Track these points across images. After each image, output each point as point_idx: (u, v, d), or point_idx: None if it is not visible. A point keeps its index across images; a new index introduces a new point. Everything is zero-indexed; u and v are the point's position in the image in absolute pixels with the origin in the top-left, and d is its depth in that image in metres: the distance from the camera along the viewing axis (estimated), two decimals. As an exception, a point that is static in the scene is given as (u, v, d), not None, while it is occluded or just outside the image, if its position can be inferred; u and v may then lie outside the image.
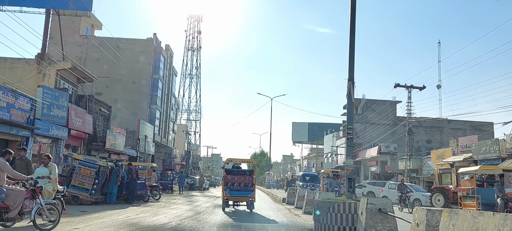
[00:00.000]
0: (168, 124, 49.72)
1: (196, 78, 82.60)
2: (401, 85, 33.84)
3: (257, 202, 17.85)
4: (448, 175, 35.66)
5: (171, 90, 50.00)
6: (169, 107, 49.69)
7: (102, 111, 29.97)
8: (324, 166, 73.76)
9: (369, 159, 53.66)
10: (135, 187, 18.54)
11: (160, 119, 46.31)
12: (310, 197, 15.05)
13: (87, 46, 43.90)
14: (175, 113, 54.23)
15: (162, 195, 28.68)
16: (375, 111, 58.78)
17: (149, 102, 43.49)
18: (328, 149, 71.33)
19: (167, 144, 49.92)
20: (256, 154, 73.85)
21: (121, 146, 30.30)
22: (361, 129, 59.40)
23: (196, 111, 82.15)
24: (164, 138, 48.55)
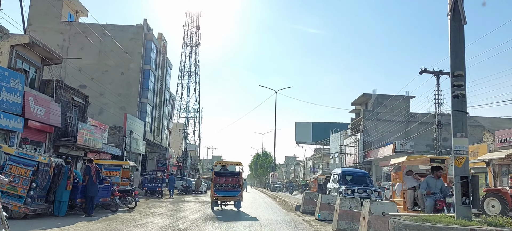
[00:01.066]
0: (162, 121, 44.26)
1: (195, 76, 77.26)
2: (428, 71, 28.38)
3: (264, 212, 16.35)
4: (482, 175, 30.18)
5: (165, 85, 44.59)
6: (163, 103, 44.25)
7: (75, 101, 24.50)
8: (331, 167, 68.19)
9: (382, 159, 48.10)
10: (95, 193, 13.04)
11: (153, 115, 40.85)
12: (377, 210, 7.96)
13: (70, 34, 38.53)
14: (170, 110, 48.76)
15: (148, 200, 23.27)
16: (387, 107, 53.32)
17: (139, 96, 38.06)
18: (335, 149, 65.81)
19: (161, 143, 44.43)
20: (258, 155, 68.44)
21: (99, 142, 24.83)
22: (372, 126, 53.87)
23: (195, 110, 76.78)
24: (157, 137, 43.06)
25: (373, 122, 53.77)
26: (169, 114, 47.98)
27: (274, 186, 47.23)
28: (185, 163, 59.58)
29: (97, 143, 24.72)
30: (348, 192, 16.82)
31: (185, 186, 36.81)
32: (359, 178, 19.66)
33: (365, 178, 20.15)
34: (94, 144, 24.29)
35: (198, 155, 76.26)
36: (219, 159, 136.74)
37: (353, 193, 16.80)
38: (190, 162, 64.03)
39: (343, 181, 18.94)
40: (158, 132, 43.36)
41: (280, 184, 50.43)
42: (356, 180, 19.34)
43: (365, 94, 55.21)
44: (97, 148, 24.86)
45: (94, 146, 24.38)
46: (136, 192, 16.34)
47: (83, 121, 25.13)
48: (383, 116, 53.09)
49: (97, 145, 24.76)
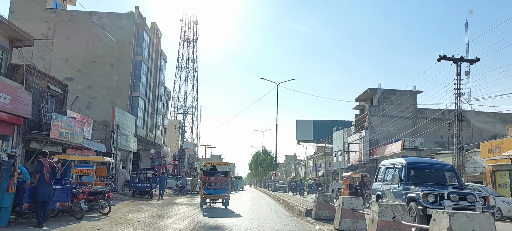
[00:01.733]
0: (156, 117, 41.03)
1: (193, 72, 73.99)
2: (447, 57, 25.19)
3: (267, 217, 13.92)
4: (506, 173, 27.01)
5: (159, 78, 41.35)
6: (157, 97, 41.02)
7: (51, 90, 21.27)
8: (334, 166, 65.00)
9: (389, 157, 44.95)
10: (47, 196, 9.82)
11: (145, 110, 37.62)
12: (464, 226, 4.57)
13: (55, 22, 35.28)
14: (165, 106, 45.52)
15: (134, 202, 20.07)
16: (394, 103, 50.15)
17: (130, 89, 34.81)
18: (338, 147, 62.66)
19: (156, 140, 41.19)
20: (258, 153, 65.21)
21: (78, 137, 21.60)
22: (378, 123, 50.72)
23: (193, 108, 73.51)
24: (151, 133, 39.82)
25: (379, 118, 50.61)
26: (164, 110, 44.74)
27: (276, 186, 43.79)
28: (182, 162, 56.34)
29: (77, 138, 21.49)
30: (429, 199, 9.97)
31: (179, 185, 33.65)
32: (438, 174, 12.13)
33: (448, 173, 12.38)
34: (72, 139, 21.07)
35: (196, 153, 73.05)
36: (219, 158, 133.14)
37: (438, 200, 9.96)
38: (188, 160, 60.79)
39: (412, 179, 11.51)
40: (151, 129, 40.12)
41: (283, 184, 47.10)
42: (432, 178, 11.79)
43: (371, 89, 52.04)
44: (76, 143, 21.65)
45: (72, 141, 21.16)
46: (110, 194, 13.10)
47: (61, 112, 21.94)
48: (389, 111, 49.94)
49: (77, 140, 21.53)
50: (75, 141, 21.39)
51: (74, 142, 21.36)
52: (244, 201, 25.22)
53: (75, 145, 21.80)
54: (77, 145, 21.87)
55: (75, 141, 21.44)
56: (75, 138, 21.39)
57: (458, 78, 25.56)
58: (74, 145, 21.66)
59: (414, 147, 40.97)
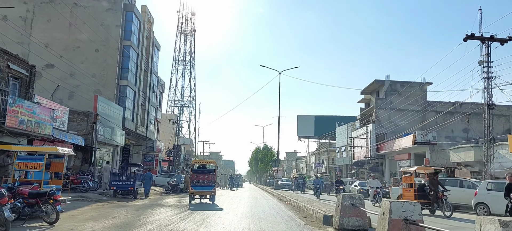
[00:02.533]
0: (148, 109, 37.40)
1: (190, 65, 70.42)
2: (475, 36, 21.60)
3: (272, 226, 10.54)
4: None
5: (151, 67, 37.70)
6: (149, 88, 37.38)
7: (12, 70, 17.63)
8: (337, 162, 61.42)
9: (398, 152, 41.42)
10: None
11: (135, 101, 33.97)
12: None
13: (35, 4, 31.66)
14: (158, 98, 41.91)
15: (112, 203, 16.46)
16: (402, 96, 46.56)
17: (117, 77, 31.18)
18: (342, 142, 59.09)
19: (147, 134, 37.57)
20: (258, 149, 61.60)
21: (46, 127, 18.00)
22: (385, 117, 47.13)
23: (191, 102, 69.92)
24: (142, 127, 36.20)
25: (386, 111, 47.01)
26: (157, 102, 41.09)
27: (279, 184, 39.93)
28: (178, 158, 52.67)
29: (44, 128, 17.88)
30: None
31: (172, 183, 30.07)
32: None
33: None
34: (38, 129, 17.47)
35: (194, 150, 69.43)
36: (218, 155, 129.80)
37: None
38: (184, 157, 57.16)
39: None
40: (142, 122, 36.50)
41: (287, 181, 42.62)
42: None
43: (377, 81, 48.43)
44: (44, 134, 18.04)
45: (38, 131, 17.56)
46: (57, 196, 9.48)
47: (27, 98, 18.34)
48: (397, 104, 46.35)
49: (44, 130, 17.93)
50: (42, 131, 17.79)
51: (41, 132, 17.76)
52: (243, 201, 21.62)
53: (43, 136, 18.22)
54: (46, 136, 18.27)
55: (42, 131, 17.84)
56: (42, 128, 17.78)
57: (488, 60, 21.93)
58: (42, 136, 18.08)
59: (426, 141, 37.37)
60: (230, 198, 24.66)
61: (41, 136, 18.00)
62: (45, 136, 18.19)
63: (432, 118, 45.73)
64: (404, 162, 40.89)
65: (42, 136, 18.12)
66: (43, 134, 17.97)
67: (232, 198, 24.66)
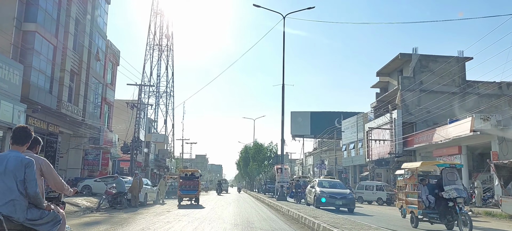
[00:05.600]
0: (87, 82, 24.01)
1: (168, 51, 56.98)
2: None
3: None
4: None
5: (93, 21, 24.44)
6: (89, 51, 24.06)
7: None
8: (345, 162, 48.46)
9: (440, 145, 28.72)
10: None
11: (55, 62, 20.55)
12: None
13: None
14: (107, 70, 28.27)
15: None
16: (436, 74, 34.09)
17: (16, 17, 17.85)
18: (349, 139, 46.36)
19: (85, 117, 24.04)
20: (247, 147, 48.46)
21: None
22: (414, 101, 34.49)
23: (167, 94, 56.40)
24: (76, 107, 22.75)
25: (415, 93, 34.39)
26: (104, 75, 27.55)
27: (279, 191, 22.24)
28: (147, 157, 39.05)
29: None
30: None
31: (113, 192, 16.65)
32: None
33: None
34: None
35: (171, 149, 55.76)
36: (203, 158, 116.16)
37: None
38: (156, 156, 43.56)
39: None
40: (76, 99, 23.09)
41: (303, 182, 24.08)
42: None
43: (403, 55, 35.69)
44: None
45: None
46: None
47: None
48: (430, 86, 33.81)
49: None
50: None
51: None
52: None
53: None
54: None
55: None
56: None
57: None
58: None
59: (489, 127, 24.70)
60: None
61: None
62: None
63: (471, 102, 33.45)
64: (452, 159, 28.08)
65: None
66: None
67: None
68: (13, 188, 3.20)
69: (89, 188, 21.97)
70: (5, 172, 3.23)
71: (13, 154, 3.34)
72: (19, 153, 3.39)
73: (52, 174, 3.68)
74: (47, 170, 3.64)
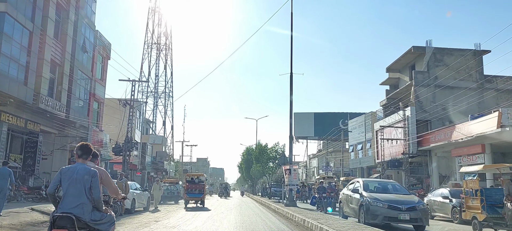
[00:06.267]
0: (69, 73, 21.35)
1: (166, 50, 54.41)
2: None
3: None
4: None
5: (79, 9, 21.83)
6: (74, 41, 21.43)
7: None
8: (352, 164, 45.69)
9: (460, 143, 25.94)
10: None
11: (31, 50, 17.89)
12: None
13: None
14: (96, 63, 25.53)
15: None
16: (450, 68, 31.40)
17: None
18: (356, 140, 43.64)
19: (70, 114, 21.35)
20: (249, 149, 45.70)
21: None
22: (428, 97, 31.79)
23: (166, 94, 53.77)
24: (57, 102, 20.07)
25: (429, 88, 31.68)
26: (93, 70, 24.86)
27: (292, 195, 18.23)
28: (143, 160, 36.38)
29: None
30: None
31: None
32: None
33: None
34: None
35: (169, 151, 53.03)
36: (205, 161, 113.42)
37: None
38: (153, 159, 40.84)
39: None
40: (58, 93, 20.43)
41: (329, 184, 18.99)
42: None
43: (416, 48, 32.97)
44: None
45: None
46: None
47: None
48: (445, 81, 31.07)
49: None
50: None
51: None
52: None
53: None
54: None
55: None
56: None
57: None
58: None
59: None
60: None
61: None
62: None
63: (491, 98, 30.84)
64: (474, 159, 25.32)
65: None
66: None
67: None
68: (82, 193, 3.78)
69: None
70: (76, 180, 3.80)
71: (81, 166, 3.90)
72: (85, 165, 3.95)
73: (109, 182, 4.34)
74: (106, 179, 4.23)
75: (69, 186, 3.76)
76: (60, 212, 3.68)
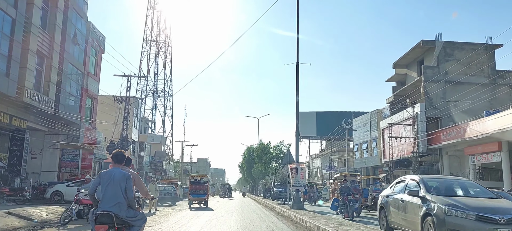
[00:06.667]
0: (57, 66, 19.79)
1: (166, 48, 52.87)
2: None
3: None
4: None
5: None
6: (63, 30, 19.89)
7: None
8: (357, 163, 44.07)
9: (474, 141, 24.34)
10: None
11: (14, 39, 16.34)
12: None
13: None
14: (89, 56, 23.90)
15: None
16: (461, 63, 29.84)
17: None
18: (361, 139, 42.06)
19: (59, 110, 19.78)
20: (250, 148, 44.12)
21: None
22: (439, 93, 30.22)
23: (166, 93, 52.22)
24: (44, 96, 18.51)
25: (440, 84, 30.11)
26: (86, 63, 23.26)
27: (298, 196, 16.57)
28: (141, 159, 34.82)
29: None
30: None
31: (87, 200, 12.20)
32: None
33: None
34: None
35: (169, 151, 51.42)
36: (206, 162, 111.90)
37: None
38: (152, 159, 39.28)
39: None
40: (46, 86, 18.89)
41: (353, 184, 17.03)
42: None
43: (425, 42, 31.37)
44: None
45: None
46: None
47: None
48: (456, 76, 29.47)
49: None
50: None
51: None
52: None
53: None
54: None
55: None
56: None
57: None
58: None
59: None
60: None
61: None
62: None
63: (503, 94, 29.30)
64: (489, 157, 23.71)
65: None
66: None
67: None
68: (119, 194, 4.28)
69: (60, 194, 17.75)
70: (113, 182, 4.29)
71: (117, 170, 4.40)
72: (120, 169, 4.45)
73: (141, 184, 4.97)
74: (138, 181, 4.87)
75: (107, 188, 4.25)
76: (100, 210, 4.18)
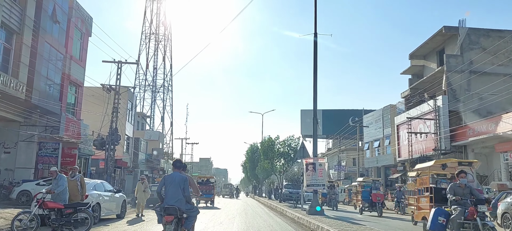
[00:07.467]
0: (31, 45, 16.77)
1: (165, 41, 49.92)
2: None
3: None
4: None
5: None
6: (41, 3, 16.94)
7: None
8: (367, 163, 40.91)
9: (505, 137, 21.25)
10: None
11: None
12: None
13: None
14: (67, 36, 20.82)
15: None
16: (488, 52, 26.74)
17: None
18: (373, 136, 38.95)
19: (32, 95, 16.77)
20: (254, 146, 41.02)
21: None
22: (463, 84, 27.09)
23: (165, 88, 49.26)
24: (8, 76, 15.52)
25: (464, 75, 27.00)
26: (63, 41, 20.14)
27: (316, 198, 13.69)
28: (136, 157, 31.81)
29: None
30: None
31: (55, 204, 9.10)
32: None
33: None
34: None
35: (168, 149, 48.36)
36: (208, 161, 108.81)
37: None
38: (148, 156, 36.25)
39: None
40: (16, 67, 15.89)
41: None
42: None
43: (448, 29, 28.22)
44: None
45: None
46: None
47: None
48: (482, 66, 26.36)
49: None
50: None
51: None
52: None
53: None
54: None
55: None
56: None
57: None
58: None
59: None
60: None
61: None
62: None
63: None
64: None
65: None
66: None
67: None
68: (179, 192, 5.90)
69: (28, 194, 14.74)
70: (175, 183, 5.94)
71: (177, 174, 6.07)
72: (179, 173, 6.12)
73: (194, 185, 6.80)
74: (192, 183, 6.67)
75: (170, 187, 5.93)
76: (166, 204, 5.78)
